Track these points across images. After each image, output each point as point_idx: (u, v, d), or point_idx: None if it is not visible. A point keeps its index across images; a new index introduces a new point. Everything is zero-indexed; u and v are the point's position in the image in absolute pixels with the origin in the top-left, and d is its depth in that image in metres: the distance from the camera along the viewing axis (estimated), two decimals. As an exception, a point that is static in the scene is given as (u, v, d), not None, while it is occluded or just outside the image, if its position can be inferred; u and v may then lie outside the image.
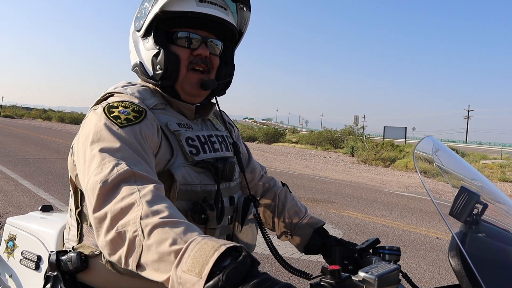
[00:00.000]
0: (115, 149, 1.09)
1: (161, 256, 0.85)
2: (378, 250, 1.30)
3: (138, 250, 0.89)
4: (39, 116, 71.15)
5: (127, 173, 1.03)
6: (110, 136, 1.13)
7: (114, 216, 0.95)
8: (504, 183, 17.48)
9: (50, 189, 8.42)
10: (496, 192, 1.25)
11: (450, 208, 1.09)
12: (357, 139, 31.98)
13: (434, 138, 1.25)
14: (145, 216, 0.91)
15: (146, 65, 1.37)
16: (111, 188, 1.00)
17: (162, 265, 0.85)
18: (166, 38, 1.34)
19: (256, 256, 4.25)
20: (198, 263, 0.78)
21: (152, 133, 1.22)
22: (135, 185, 1.00)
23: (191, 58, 1.34)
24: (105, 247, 0.96)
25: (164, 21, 1.33)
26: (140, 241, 0.89)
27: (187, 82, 1.34)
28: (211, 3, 1.33)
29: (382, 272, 0.96)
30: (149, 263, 0.87)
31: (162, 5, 1.29)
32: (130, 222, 0.92)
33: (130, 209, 0.94)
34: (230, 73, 1.46)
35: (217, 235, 1.31)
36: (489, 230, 1.10)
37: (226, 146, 1.45)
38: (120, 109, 1.21)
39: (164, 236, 0.86)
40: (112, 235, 0.94)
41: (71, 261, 1.25)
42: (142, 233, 0.89)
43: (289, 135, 52.38)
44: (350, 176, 16.21)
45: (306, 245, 1.57)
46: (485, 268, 0.92)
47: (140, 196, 0.96)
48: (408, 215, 8.61)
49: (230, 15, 1.39)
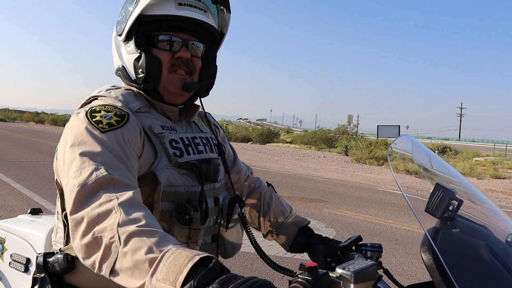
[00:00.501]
0: (95, 153, 1.11)
1: (136, 263, 0.87)
2: (360, 247, 1.33)
3: (114, 256, 0.91)
4: (31, 119, 70.67)
5: (105, 178, 1.04)
6: (91, 140, 1.14)
7: (91, 221, 0.97)
8: (497, 179, 17.59)
9: (43, 192, 8.39)
10: (471, 189, 1.28)
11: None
12: (351, 138, 32.06)
13: (411, 136, 1.28)
14: (123, 224, 0.93)
15: (128, 69, 1.38)
16: (89, 193, 1.02)
17: (137, 272, 0.87)
18: (147, 42, 1.35)
19: (242, 255, 4.28)
20: (172, 272, 0.81)
21: (135, 136, 1.23)
22: (113, 191, 1.02)
23: (173, 61, 1.35)
24: (79, 251, 0.98)
25: (145, 25, 1.35)
26: (116, 248, 0.91)
27: (169, 82, 1.35)
28: (191, 6, 1.34)
29: (359, 268, 0.99)
30: (124, 269, 0.89)
31: (142, 9, 1.30)
32: (107, 228, 0.94)
33: (108, 215, 0.96)
34: (212, 74, 1.48)
35: (202, 235, 1.33)
36: (463, 226, 1.13)
37: (210, 147, 1.47)
38: (102, 114, 1.22)
39: (140, 244, 0.89)
40: (88, 240, 0.96)
41: (58, 262, 1.27)
42: (118, 240, 0.91)
43: (283, 135, 52.45)
44: (343, 175, 16.26)
45: (291, 244, 1.59)
46: (456, 263, 0.95)
47: (118, 203, 0.98)
48: (401, 213, 8.66)
49: (210, 17, 1.40)
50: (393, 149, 1.22)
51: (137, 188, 1.09)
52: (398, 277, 4.73)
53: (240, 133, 44.43)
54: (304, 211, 8.21)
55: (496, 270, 0.99)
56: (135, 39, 1.34)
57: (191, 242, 1.29)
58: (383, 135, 28.02)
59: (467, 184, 1.28)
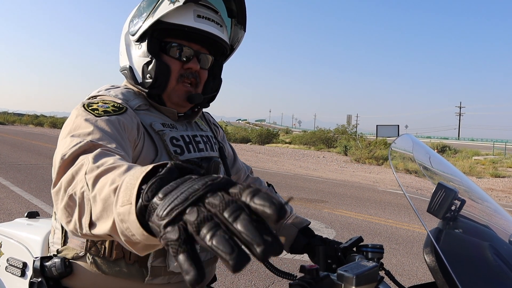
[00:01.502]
0: (86, 133, 1.05)
1: (104, 202, 0.73)
2: (361, 248, 1.32)
3: (88, 207, 0.78)
4: (31, 122, 70.64)
5: (87, 144, 0.97)
6: (84, 123, 1.09)
7: (66, 182, 0.86)
8: (496, 178, 17.59)
9: (42, 195, 8.36)
10: (473, 188, 1.26)
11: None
12: (350, 138, 32.09)
13: (412, 135, 1.26)
14: (90, 171, 0.81)
15: (136, 71, 1.36)
16: (70, 161, 0.93)
17: (105, 213, 0.73)
18: (159, 47, 1.34)
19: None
20: (128, 190, 0.65)
21: (131, 127, 1.21)
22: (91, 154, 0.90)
23: (182, 71, 1.34)
24: (61, 217, 0.86)
25: (160, 31, 1.33)
26: (87, 196, 0.78)
27: (174, 93, 1.35)
28: (209, 19, 1.33)
29: (361, 270, 0.97)
30: (99, 216, 0.75)
31: (161, 15, 1.28)
32: (78, 181, 0.83)
33: (79, 170, 0.86)
34: (216, 87, 1.48)
35: None
36: (466, 226, 1.12)
37: (210, 146, 1.46)
38: (100, 104, 1.21)
39: (105, 181, 0.76)
40: (65, 201, 0.84)
41: (55, 266, 1.25)
42: (87, 187, 0.79)
43: (283, 135, 52.48)
44: (343, 175, 16.25)
45: (291, 245, 1.57)
46: (459, 264, 0.93)
47: (89, 156, 0.88)
48: (401, 213, 8.64)
49: (224, 32, 1.40)
50: (394, 149, 1.21)
51: (121, 152, 0.99)
52: (399, 277, 4.72)
53: (239, 134, 44.43)
54: (304, 211, 8.19)
55: (500, 271, 0.97)
56: (148, 43, 1.33)
57: None
58: (382, 134, 28.05)
59: (469, 183, 1.26)
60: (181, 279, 1.30)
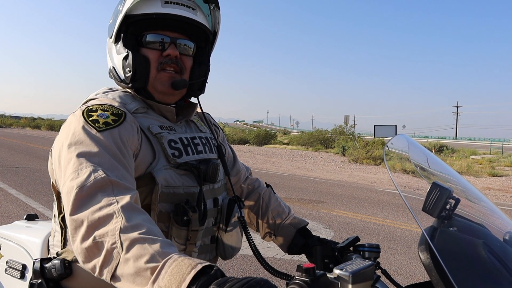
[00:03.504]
0: (92, 154, 1.10)
1: (138, 270, 0.88)
2: (358, 248, 1.32)
3: (115, 261, 0.91)
4: (28, 124, 70.49)
5: (104, 181, 1.03)
6: (88, 140, 1.13)
7: (91, 225, 0.96)
8: (494, 177, 17.64)
9: (39, 198, 8.36)
10: (468, 187, 1.28)
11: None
12: (348, 139, 32.10)
13: (407, 135, 1.27)
14: (125, 230, 0.93)
15: (117, 69, 1.38)
16: (87, 195, 1.01)
17: (138, 279, 0.87)
18: (136, 42, 1.36)
19: (241, 257, 4.25)
20: (175, 280, 0.82)
21: (132, 135, 1.23)
22: (112, 195, 1.01)
23: (161, 59, 1.34)
24: (80, 254, 0.98)
25: (133, 25, 1.35)
26: (118, 254, 0.91)
27: (158, 81, 1.35)
28: (177, 4, 1.34)
29: (357, 269, 0.98)
30: (125, 275, 0.90)
31: (128, 8, 1.30)
32: (108, 233, 0.94)
33: (109, 220, 0.96)
34: (204, 73, 1.45)
35: (201, 236, 1.32)
36: (461, 225, 1.13)
37: (210, 148, 1.46)
38: (99, 113, 1.22)
39: (143, 251, 0.89)
40: (89, 244, 0.95)
41: (55, 268, 1.26)
42: (121, 246, 0.91)
43: (280, 136, 52.46)
44: (341, 176, 16.27)
45: (289, 245, 1.58)
46: (454, 262, 0.95)
47: (119, 207, 0.98)
48: (399, 213, 8.67)
49: (199, 15, 1.39)
50: (389, 149, 1.22)
51: (135, 190, 1.09)
52: (397, 277, 4.73)
53: (237, 135, 44.39)
54: (302, 212, 8.21)
55: (494, 268, 0.98)
56: (123, 39, 1.35)
57: (189, 244, 1.28)
58: (380, 135, 28.04)
59: (464, 183, 1.27)
60: None
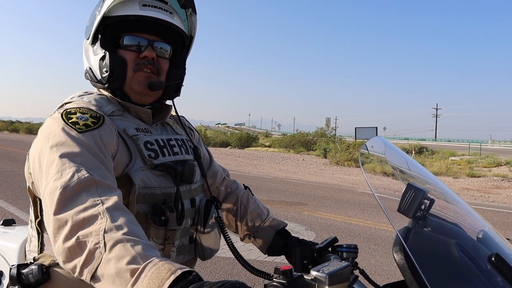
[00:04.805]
0: (74, 154, 1.10)
1: (119, 271, 0.87)
2: (336, 248, 1.34)
3: (97, 261, 0.91)
4: (5, 128, 69.17)
5: (87, 180, 1.03)
6: (69, 140, 1.13)
7: (75, 224, 0.95)
8: (472, 178, 17.96)
9: (18, 203, 8.21)
10: (443, 188, 1.30)
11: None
12: (329, 141, 32.34)
13: (383, 138, 1.30)
14: (109, 230, 0.93)
15: (94, 70, 1.38)
16: (71, 195, 1.00)
17: (118, 280, 0.87)
18: (113, 43, 1.36)
19: (222, 260, 4.22)
20: (154, 284, 0.82)
21: (112, 138, 1.23)
22: (97, 195, 1.01)
23: (138, 61, 1.35)
24: (61, 254, 0.96)
25: (111, 27, 1.36)
26: (100, 254, 0.91)
27: (134, 81, 1.35)
28: (155, 7, 1.35)
29: (334, 270, 1.00)
30: (105, 276, 0.89)
31: (106, 10, 1.31)
32: (92, 233, 0.93)
33: (93, 220, 0.95)
34: (180, 76, 1.47)
35: (179, 236, 1.33)
36: (435, 225, 1.15)
37: (186, 149, 1.47)
38: (78, 115, 1.22)
39: (124, 252, 0.89)
40: (71, 243, 0.94)
41: (32, 273, 1.24)
42: (104, 246, 0.91)
43: (262, 139, 52.57)
44: (323, 178, 16.37)
45: (268, 247, 1.59)
46: (427, 261, 0.97)
47: (104, 208, 0.97)
48: (380, 214, 8.76)
49: (176, 19, 1.40)
50: (366, 151, 1.24)
51: (119, 190, 1.09)
52: (377, 277, 4.79)
53: (219, 138, 44.31)
54: (284, 214, 8.23)
55: (465, 266, 1.01)
56: (100, 40, 1.35)
57: (168, 244, 1.28)
58: (361, 137, 28.30)
59: (439, 184, 1.30)
60: None
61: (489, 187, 15.17)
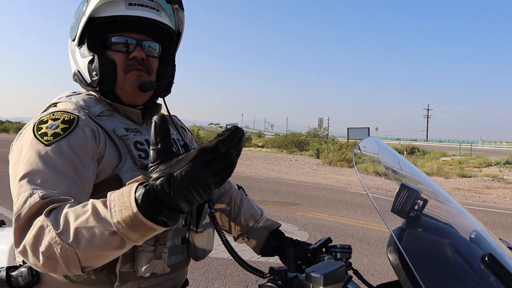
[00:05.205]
0: (35, 172, 1.08)
1: (99, 237, 0.89)
2: (330, 249, 1.33)
3: (75, 259, 0.92)
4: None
5: (37, 205, 1.01)
6: (34, 156, 1.11)
7: (32, 246, 0.96)
8: (463, 178, 18.09)
9: (7, 203, 8.13)
10: (436, 188, 1.31)
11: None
12: (322, 141, 32.43)
13: (376, 138, 1.30)
14: (60, 230, 0.92)
15: (83, 73, 1.36)
16: (24, 223, 1.00)
17: (98, 239, 0.89)
18: (101, 45, 1.34)
19: (216, 261, 4.21)
20: (123, 203, 0.86)
21: (85, 141, 1.20)
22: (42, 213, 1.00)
23: (127, 62, 1.33)
24: (47, 271, 1.00)
25: (97, 28, 1.33)
26: (72, 252, 0.91)
27: (126, 82, 1.33)
28: (142, 6, 1.33)
29: (328, 270, 0.99)
30: (90, 257, 0.92)
31: (92, 11, 1.29)
32: (51, 243, 0.93)
33: (42, 232, 0.95)
34: (170, 73, 1.46)
35: (170, 237, 1.31)
36: (428, 225, 1.15)
37: (177, 149, 1.45)
38: (49, 123, 1.19)
39: (88, 229, 0.90)
40: (44, 261, 0.95)
41: (22, 276, 1.23)
42: (70, 246, 0.91)
43: (255, 139, 52.57)
44: (315, 178, 16.41)
45: (262, 248, 1.58)
46: (421, 261, 0.97)
47: (43, 217, 0.96)
48: (373, 214, 8.79)
49: (164, 16, 1.39)
50: (359, 151, 1.24)
51: (71, 200, 1.05)
52: (371, 277, 4.80)
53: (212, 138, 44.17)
54: (277, 214, 8.24)
55: (459, 266, 1.01)
56: (87, 42, 1.33)
57: (159, 244, 1.26)
58: (354, 137, 28.43)
59: (432, 184, 1.30)
60: (151, 284, 1.29)
61: (479, 187, 15.29)
